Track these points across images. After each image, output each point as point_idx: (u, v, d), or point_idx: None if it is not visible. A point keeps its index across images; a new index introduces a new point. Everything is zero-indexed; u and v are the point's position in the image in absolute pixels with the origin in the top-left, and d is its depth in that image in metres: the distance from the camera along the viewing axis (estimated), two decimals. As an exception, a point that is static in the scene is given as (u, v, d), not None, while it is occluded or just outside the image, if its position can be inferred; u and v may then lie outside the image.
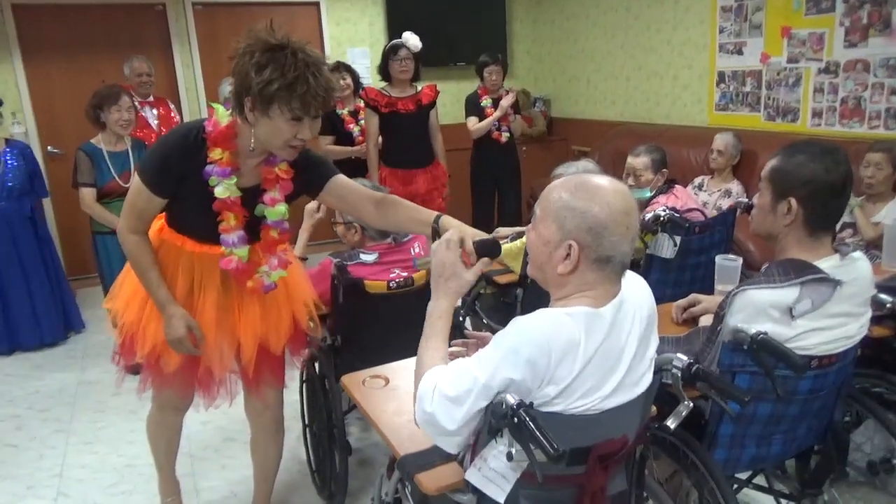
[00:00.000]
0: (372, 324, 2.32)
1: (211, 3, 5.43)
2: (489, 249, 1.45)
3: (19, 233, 3.83)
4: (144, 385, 2.03)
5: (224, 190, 1.69)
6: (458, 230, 1.48)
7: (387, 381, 1.79)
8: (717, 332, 1.57)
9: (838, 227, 3.02)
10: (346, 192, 1.85)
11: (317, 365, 2.39)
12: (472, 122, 4.57)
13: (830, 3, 3.90)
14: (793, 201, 1.55)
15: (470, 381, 1.21)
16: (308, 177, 1.82)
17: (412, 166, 4.14)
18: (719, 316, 1.57)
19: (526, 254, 1.66)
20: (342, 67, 4.33)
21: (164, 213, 1.85)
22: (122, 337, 1.92)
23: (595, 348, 1.21)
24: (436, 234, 1.66)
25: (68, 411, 3.25)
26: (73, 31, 5.08)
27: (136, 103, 4.10)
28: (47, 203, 4.67)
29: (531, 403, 1.18)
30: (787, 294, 1.49)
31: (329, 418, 2.30)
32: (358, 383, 1.79)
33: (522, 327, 1.22)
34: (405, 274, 2.33)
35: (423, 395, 1.28)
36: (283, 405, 2.18)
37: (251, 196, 1.77)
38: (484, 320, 3.05)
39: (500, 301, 2.86)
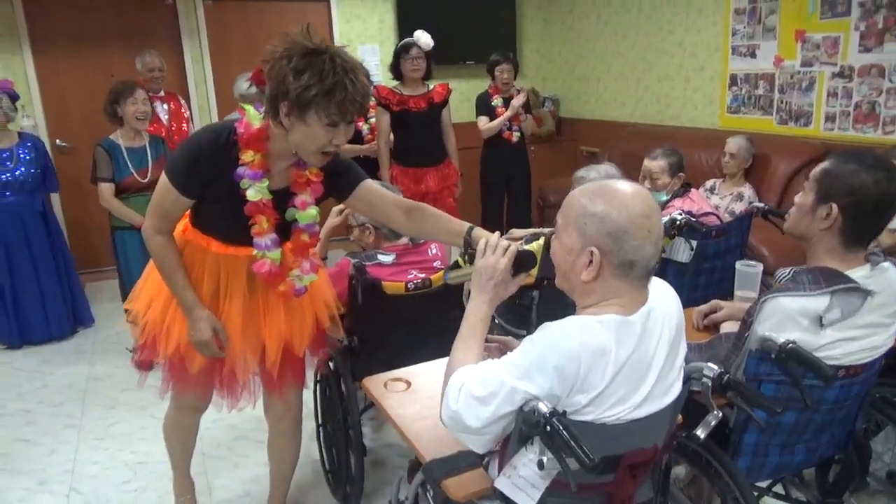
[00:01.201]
0: (389, 325, 2.31)
1: (221, -1, 5.43)
2: (525, 262, 1.44)
3: (30, 227, 3.83)
4: (166, 387, 2.02)
5: (256, 193, 1.69)
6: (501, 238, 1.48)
7: (408, 384, 1.79)
8: (744, 339, 1.56)
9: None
10: (375, 197, 1.84)
11: (332, 364, 2.38)
12: (483, 122, 4.56)
13: (846, 7, 3.89)
14: (834, 207, 1.54)
15: (497, 383, 1.21)
16: (336, 181, 1.81)
17: (423, 165, 4.13)
18: (747, 323, 1.56)
19: (543, 257, 1.66)
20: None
21: (187, 213, 1.84)
22: (144, 337, 1.91)
23: (626, 357, 1.21)
24: (467, 245, 1.65)
25: (79, 407, 3.25)
26: (83, 24, 5.07)
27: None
28: (56, 197, 4.66)
29: (564, 412, 1.18)
30: (816, 302, 1.48)
31: (345, 419, 2.30)
32: (379, 386, 1.78)
33: (551, 334, 1.22)
34: (423, 275, 2.32)
35: (449, 392, 1.28)
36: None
37: (280, 199, 1.76)
38: (496, 321, 3.05)
39: (514, 303, 2.85)
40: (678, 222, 2.58)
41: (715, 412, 1.35)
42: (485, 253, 1.44)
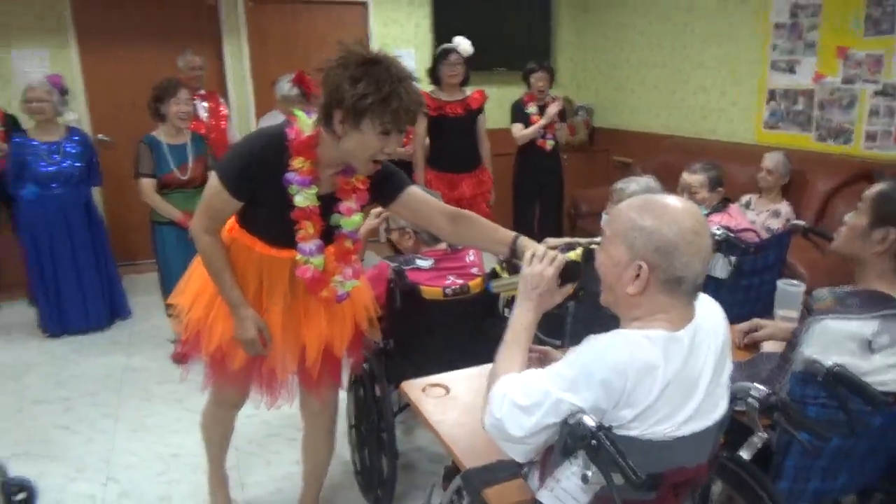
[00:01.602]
0: (425, 329, 2.34)
1: (263, 1, 5.49)
2: (571, 273, 1.45)
3: (74, 219, 3.93)
4: (207, 382, 2.06)
5: (304, 199, 1.72)
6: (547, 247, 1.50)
7: (447, 390, 1.81)
8: (790, 360, 1.55)
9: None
10: (420, 204, 1.86)
11: (368, 366, 2.41)
12: (518, 129, 4.57)
13: (890, 24, 3.83)
14: (892, 232, 1.52)
15: (542, 393, 1.22)
16: (382, 187, 1.84)
17: (458, 170, 4.15)
18: (792, 344, 1.55)
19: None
20: None
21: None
22: (188, 333, 1.95)
23: (674, 373, 1.21)
24: (513, 254, 1.66)
25: (115, 397, 3.32)
26: (128, 21, 5.17)
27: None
28: (97, 190, 4.76)
29: (609, 427, 1.19)
30: (866, 326, 1.47)
31: (378, 421, 2.32)
32: (418, 391, 1.80)
33: (598, 348, 1.23)
34: (461, 281, 2.34)
35: (493, 400, 1.29)
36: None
37: (326, 204, 1.79)
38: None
39: (548, 312, 2.85)
40: (717, 237, 2.56)
41: (760, 433, 1.35)
42: (531, 262, 1.45)
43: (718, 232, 2.58)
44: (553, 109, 4.50)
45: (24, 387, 3.44)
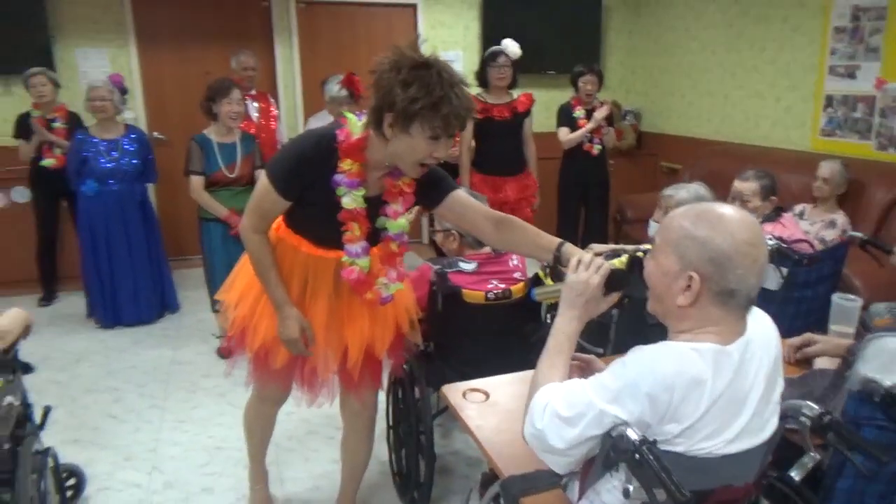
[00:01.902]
0: (466, 333, 2.33)
1: (314, 2, 5.58)
2: (618, 281, 1.42)
3: (129, 215, 4.06)
4: (252, 378, 2.10)
5: (351, 201, 1.73)
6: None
7: (487, 395, 1.80)
8: (844, 379, 1.49)
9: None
10: (465, 208, 1.86)
11: (408, 368, 2.42)
12: (564, 133, 4.53)
13: (960, 29, 3.67)
14: None
15: (585, 404, 1.19)
16: (428, 190, 1.84)
17: (503, 174, 4.14)
18: (848, 362, 1.49)
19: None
20: None
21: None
22: (234, 330, 1.99)
23: (722, 388, 1.17)
24: (557, 261, 1.64)
25: (162, 388, 3.41)
26: (184, 21, 5.32)
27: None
28: (151, 187, 4.90)
29: (654, 441, 1.16)
30: (927, 348, 1.41)
31: (417, 423, 2.32)
32: (458, 395, 1.79)
33: (645, 359, 1.20)
34: (503, 286, 2.33)
35: (534, 410, 1.27)
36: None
37: (372, 206, 1.80)
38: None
39: (592, 320, 2.82)
40: (768, 248, 2.49)
41: (812, 454, 1.30)
42: (577, 269, 1.43)
43: (770, 242, 2.51)
44: (600, 114, 4.44)
45: (76, 376, 3.56)
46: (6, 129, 4.44)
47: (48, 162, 4.26)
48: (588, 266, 1.41)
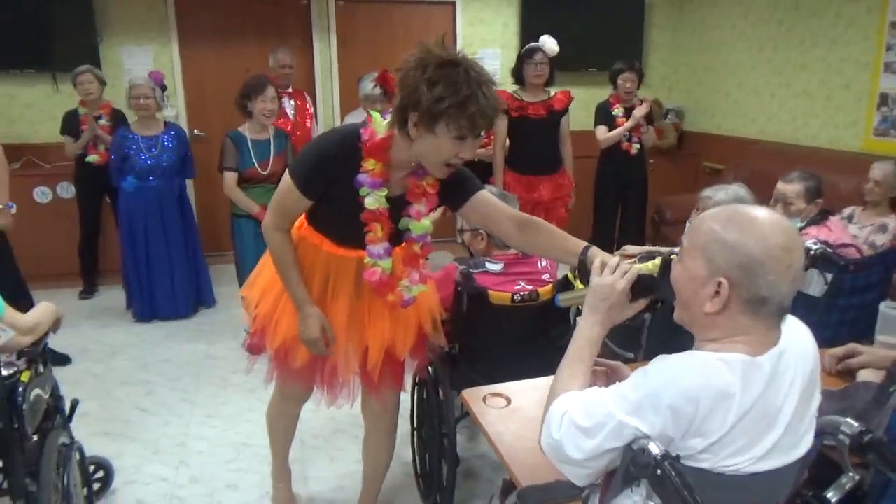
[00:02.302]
0: (492, 335, 2.28)
1: (352, 0, 5.58)
2: (646, 286, 1.35)
3: (168, 210, 4.13)
4: (271, 375, 2.09)
5: (374, 201, 1.70)
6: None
7: (508, 401, 1.75)
8: (889, 394, 1.40)
9: None
10: (489, 209, 1.80)
11: (432, 370, 2.38)
12: (602, 132, 4.43)
13: None
14: None
15: (604, 415, 1.13)
16: (452, 190, 1.80)
17: (538, 173, 4.06)
18: (893, 375, 1.40)
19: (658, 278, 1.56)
20: None
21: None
22: (255, 327, 1.98)
23: (751, 402, 1.10)
24: (583, 265, 1.58)
25: (194, 383, 3.45)
26: (225, 19, 5.39)
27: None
28: (189, 183, 4.98)
29: (677, 456, 1.09)
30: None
31: (440, 426, 2.29)
32: (478, 400, 1.75)
33: (668, 369, 1.13)
34: (530, 287, 2.27)
35: (551, 420, 1.21)
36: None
37: (395, 206, 1.77)
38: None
39: (623, 323, 2.73)
40: (812, 252, 2.38)
41: (850, 474, 1.21)
42: (602, 272, 1.36)
43: (815, 246, 2.39)
44: (639, 112, 4.33)
45: (112, 369, 3.63)
46: (55, 126, 4.56)
47: (92, 158, 4.36)
48: (614, 270, 1.35)
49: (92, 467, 2.40)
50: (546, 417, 1.24)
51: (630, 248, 3.13)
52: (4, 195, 3.26)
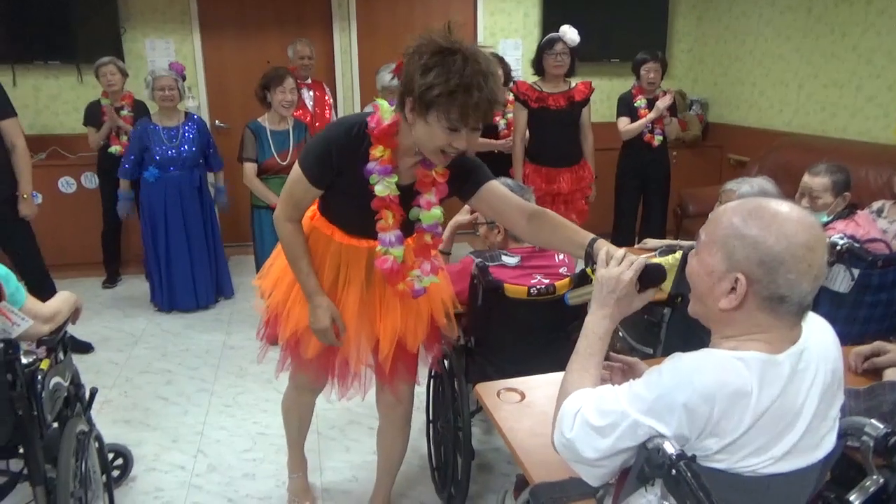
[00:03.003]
0: (508, 329, 2.26)
1: (371, -11, 5.58)
2: (653, 276, 1.32)
3: (188, 201, 4.16)
4: (283, 365, 2.10)
5: (384, 188, 1.69)
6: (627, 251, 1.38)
7: (522, 395, 1.72)
8: (916, 396, 1.35)
9: None
10: (498, 200, 1.78)
11: (447, 363, 2.36)
12: (624, 123, 4.36)
13: None
14: None
15: (618, 414, 1.11)
16: (461, 180, 1.78)
17: (558, 165, 4.01)
18: (920, 377, 1.35)
19: (678, 272, 1.52)
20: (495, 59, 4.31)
21: (317, 200, 1.88)
22: (267, 315, 1.99)
23: (769, 402, 1.06)
24: (589, 257, 1.54)
25: (213, 372, 3.48)
26: (246, 11, 5.41)
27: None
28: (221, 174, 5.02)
29: (693, 456, 1.06)
30: None
31: (455, 419, 2.27)
32: (492, 394, 1.73)
33: (683, 368, 1.10)
34: (547, 281, 2.24)
35: (563, 418, 1.19)
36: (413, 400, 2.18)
37: (406, 195, 1.75)
38: (619, 333, 2.90)
39: (641, 318, 2.69)
40: (839, 247, 2.32)
41: (875, 476, 1.17)
42: (608, 264, 1.34)
43: (841, 241, 2.33)
44: (662, 103, 4.25)
45: (133, 357, 3.67)
46: (79, 117, 4.62)
47: (115, 149, 4.41)
48: (620, 261, 1.32)
49: (111, 455, 2.43)
50: (558, 415, 1.21)
51: (651, 241, 3.09)
52: (29, 186, 3.32)
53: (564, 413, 1.19)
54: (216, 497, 2.49)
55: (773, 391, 1.06)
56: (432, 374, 2.48)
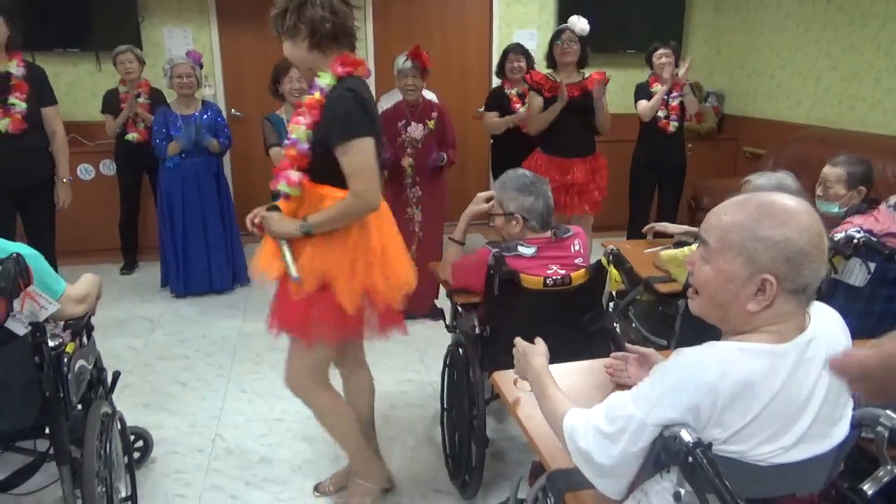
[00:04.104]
0: (523, 319, 2.27)
1: (387, -19, 5.57)
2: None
3: (205, 188, 4.21)
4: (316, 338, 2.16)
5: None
6: None
7: (539, 384, 1.74)
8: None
9: None
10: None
11: (462, 351, 2.39)
12: (643, 105, 4.34)
13: None
14: None
15: (625, 418, 1.13)
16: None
17: (571, 155, 3.99)
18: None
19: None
20: (518, 50, 4.41)
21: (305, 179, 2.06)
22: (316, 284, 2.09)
23: (775, 391, 1.07)
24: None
25: (229, 358, 3.53)
26: (264, 0, 5.38)
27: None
28: (226, 162, 5.05)
29: (710, 444, 1.08)
30: None
31: (470, 407, 2.30)
32: (509, 382, 1.75)
33: (686, 364, 1.11)
34: (563, 272, 2.25)
35: (574, 431, 1.22)
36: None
37: None
38: (633, 325, 2.91)
39: (655, 310, 2.71)
40: (855, 240, 2.31)
41: (889, 467, 1.19)
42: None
43: (858, 234, 2.33)
44: (682, 70, 4.21)
45: (151, 343, 3.73)
46: (98, 105, 4.66)
47: (132, 136, 4.46)
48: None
49: (132, 437, 2.48)
50: (567, 432, 1.24)
51: (669, 227, 3.07)
52: (66, 171, 3.43)
53: (573, 427, 1.23)
54: (234, 480, 2.53)
55: (777, 380, 1.08)
56: (447, 362, 2.50)
